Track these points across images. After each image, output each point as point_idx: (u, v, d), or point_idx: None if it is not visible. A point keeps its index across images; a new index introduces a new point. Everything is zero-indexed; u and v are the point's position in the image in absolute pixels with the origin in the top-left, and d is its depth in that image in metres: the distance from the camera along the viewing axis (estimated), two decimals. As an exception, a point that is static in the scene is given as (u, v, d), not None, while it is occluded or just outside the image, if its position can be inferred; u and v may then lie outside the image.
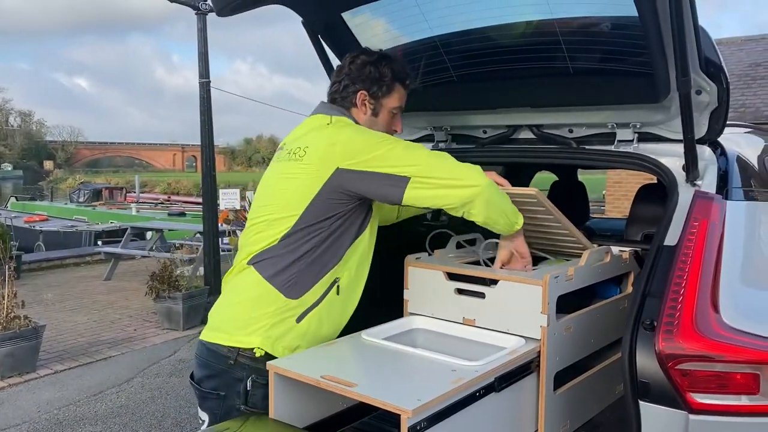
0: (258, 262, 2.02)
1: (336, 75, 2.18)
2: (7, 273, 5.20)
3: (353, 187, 1.96)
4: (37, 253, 12.82)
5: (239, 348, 1.95)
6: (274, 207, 2.05)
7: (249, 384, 1.92)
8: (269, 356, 1.91)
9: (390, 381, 1.75)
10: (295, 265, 1.98)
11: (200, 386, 2.03)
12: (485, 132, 2.76)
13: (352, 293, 2.10)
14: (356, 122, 2.12)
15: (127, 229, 10.79)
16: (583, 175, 4.80)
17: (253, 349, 1.93)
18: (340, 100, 2.15)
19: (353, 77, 2.12)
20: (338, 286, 2.03)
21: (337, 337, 2.09)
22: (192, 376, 2.09)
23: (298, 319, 1.97)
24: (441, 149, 2.86)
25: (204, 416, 2.04)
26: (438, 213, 4.00)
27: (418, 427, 1.54)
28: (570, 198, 4.02)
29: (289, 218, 1.99)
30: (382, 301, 2.35)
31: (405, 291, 2.35)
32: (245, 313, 1.98)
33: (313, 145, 2.03)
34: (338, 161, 1.95)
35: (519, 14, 2.23)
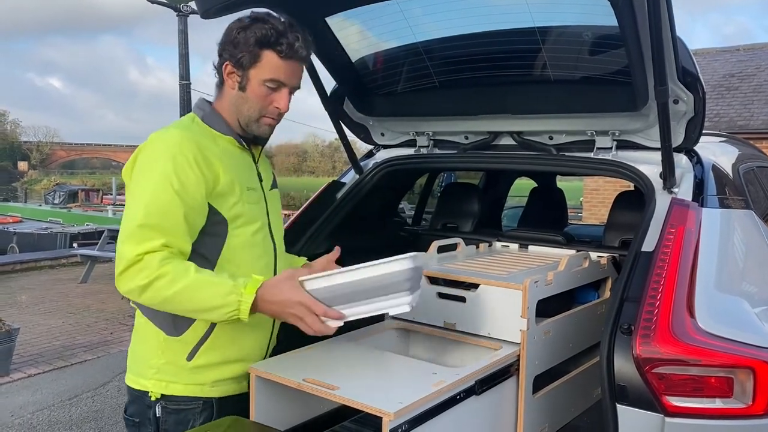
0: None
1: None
2: (-19, 275, 5.11)
3: None
4: (11, 255, 12.61)
5: (139, 389, 1.85)
6: None
7: (158, 410, 1.81)
8: (169, 396, 1.81)
9: (371, 384, 1.75)
10: None
11: (125, 411, 1.92)
12: (467, 138, 2.79)
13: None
14: (209, 111, 1.84)
15: (103, 231, 10.66)
16: (560, 182, 4.86)
17: (148, 392, 1.82)
18: (216, 75, 1.86)
19: (222, 45, 1.80)
20: None
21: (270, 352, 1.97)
22: None
23: (189, 357, 1.80)
24: (423, 154, 2.88)
25: None
26: (419, 216, 4.03)
27: (400, 430, 1.54)
28: (549, 204, 4.07)
29: None
30: None
31: (386, 295, 2.36)
32: (136, 352, 1.88)
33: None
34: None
35: (501, 22, 2.26)
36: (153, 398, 1.80)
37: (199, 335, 1.80)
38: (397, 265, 1.63)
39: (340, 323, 1.68)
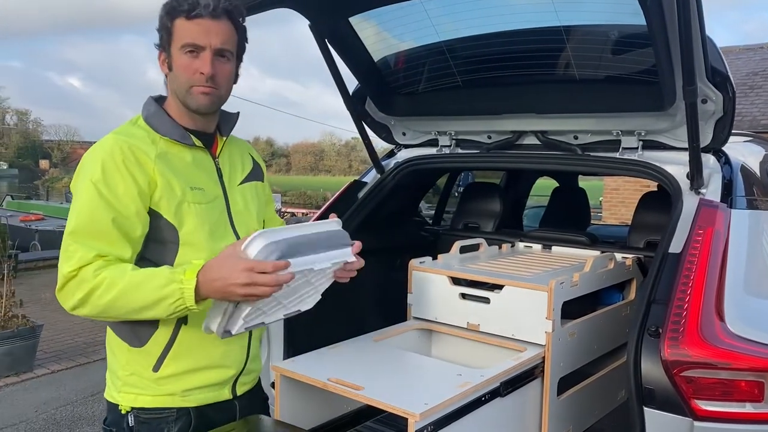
0: None
1: None
2: (6, 271, 5.17)
3: None
4: (33, 252, 12.77)
5: (111, 402, 1.79)
6: None
7: (131, 419, 1.73)
8: (139, 408, 1.73)
9: (396, 384, 1.75)
10: None
11: (104, 422, 1.86)
12: (490, 137, 2.77)
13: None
14: (153, 111, 1.75)
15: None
16: (579, 182, 4.82)
17: (118, 405, 1.74)
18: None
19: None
20: (187, 316, 1.69)
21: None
22: None
23: (155, 368, 1.71)
24: (445, 154, 2.87)
25: None
26: (440, 216, 4.02)
27: (425, 431, 1.54)
28: (571, 204, 4.04)
29: None
30: (383, 305, 2.36)
31: (408, 295, 2.36)
32: (109, 364, 1.81)
33: None
34: None
35: (526, 21, 2.25)
36: (123, 411, 1.73)
37: (163, 344, 1.70)
38: (336, 224, 1.66)
39: (288, 276, 1.50)
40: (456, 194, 4.57)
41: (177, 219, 1.67)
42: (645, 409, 1.79)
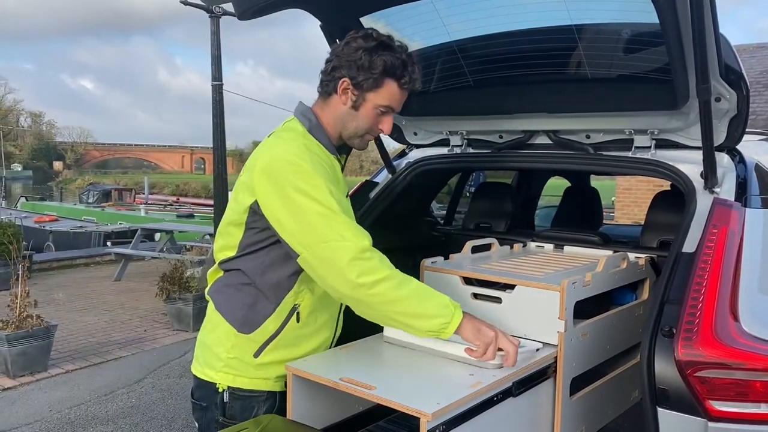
0: (212, 291, 1.97)
1: (330, 53, 1.93)
2: (21, 272, 5.22)
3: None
4: (47, 253, 12.89)
5: (206, 380, 1.94)
6: (221, 231, 1.96)
7: (226, 396, 1.89)
8: (237, 388, 1.89)
9: (409, 384, 1.75)
10: (242, 295, 1.89)
11: (192, 395, 2.01)
12: (501, 137, 2.76)
13: (317, 318, 1.95)
14: (315, 123, 1.90)
15: (137, 230, 10.84)
16: (591, 182, 4.79)
17: (216, 384, 1.91)
18: (324, 84, 1.90)
19: (342, 60, 1.84)
20: (298, 314, 1.90)
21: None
22: None
23: (256, 354, 1.88)
24: (456, 154, 2.87)
25: (195, 424, 2.04)
26: (451, 216, 4.01)
27: (437, 431, 1.54)
28: (583, 204, 4.02)
29: (230, 248, 1.91)
30: None
31: (420, 295, 2.35)
32: (206, 343, 1.96)
33: (253, 155, 1.89)
34: (254, 186, 1.81)
35: (538, 20, 2.24)
36: (220, 389, 1.90)
37: (268, 335, 1.87)
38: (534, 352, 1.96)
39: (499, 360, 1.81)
40: (467, 194, 4.57)
41: None
42: (659, 409, 1.78)
